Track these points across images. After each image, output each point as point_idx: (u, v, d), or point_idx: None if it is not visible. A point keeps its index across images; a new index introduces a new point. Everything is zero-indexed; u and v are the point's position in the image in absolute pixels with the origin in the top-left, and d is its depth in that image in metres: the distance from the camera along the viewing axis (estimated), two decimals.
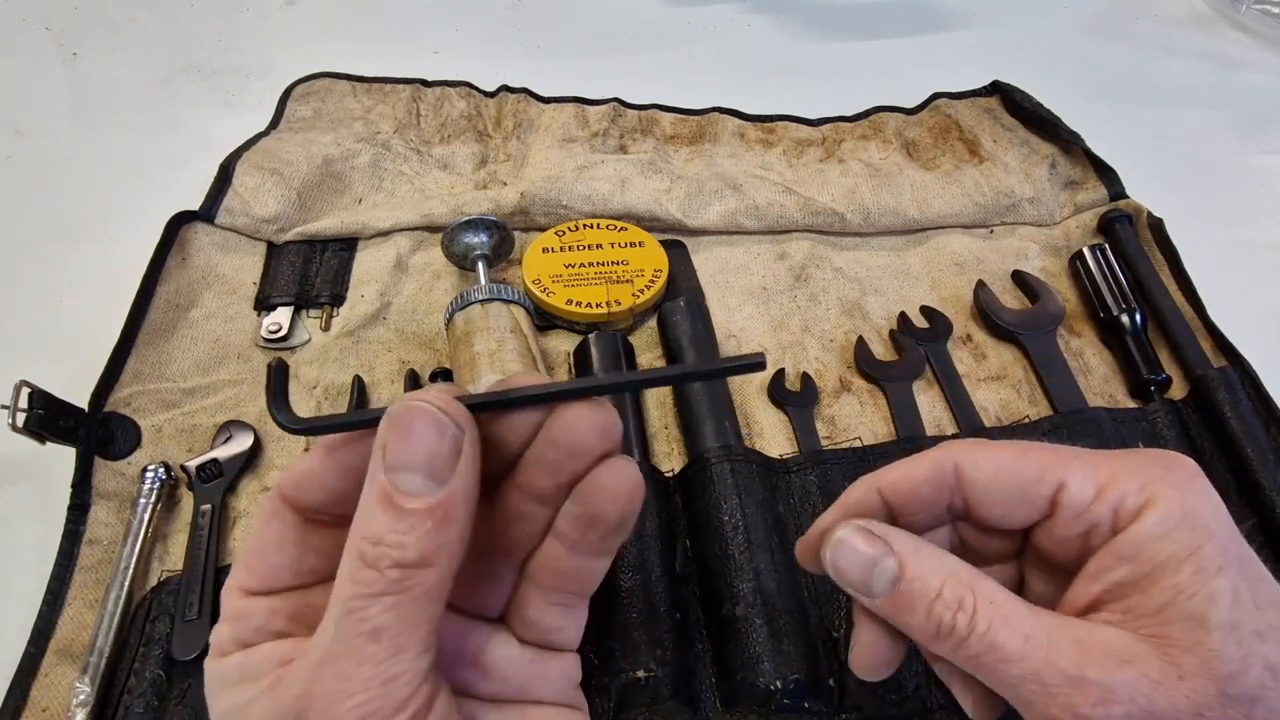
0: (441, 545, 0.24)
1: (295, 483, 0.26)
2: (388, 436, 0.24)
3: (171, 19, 0.87)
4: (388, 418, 0.24)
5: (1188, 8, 0.97)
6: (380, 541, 0.23)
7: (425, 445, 0.24)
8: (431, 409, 0.24)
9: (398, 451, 0.24)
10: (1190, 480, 0.27)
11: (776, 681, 0.40)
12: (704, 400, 0.52)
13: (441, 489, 0.24)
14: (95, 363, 0.52)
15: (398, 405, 0.24)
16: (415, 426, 0.24)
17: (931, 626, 0.27)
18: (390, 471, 0.24)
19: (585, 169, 0.66)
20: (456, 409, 0.25)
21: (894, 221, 0.67)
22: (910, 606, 0.27)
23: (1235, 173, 0.76)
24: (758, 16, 0.93)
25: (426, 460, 0.24)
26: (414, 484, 0.23)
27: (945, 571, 0.27)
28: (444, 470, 0.24)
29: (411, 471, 0.24)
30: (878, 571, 0.28)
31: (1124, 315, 0.59)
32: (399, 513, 0.23)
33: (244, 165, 0.64)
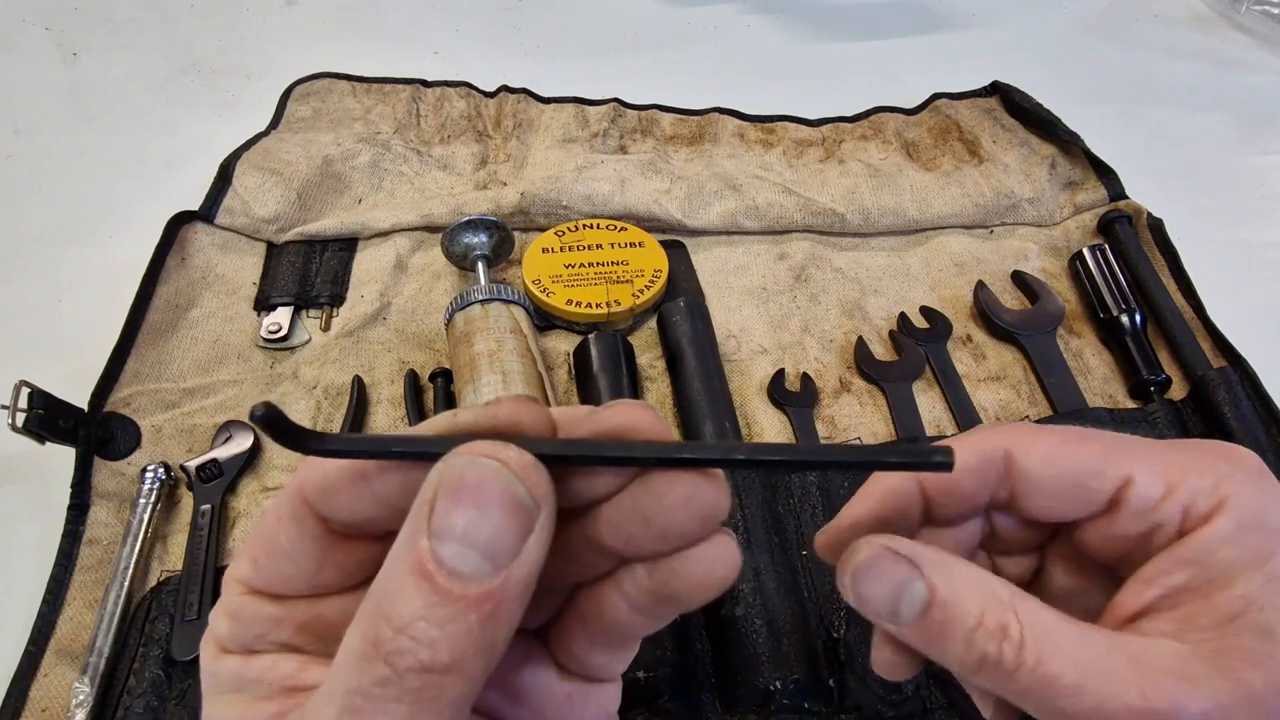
0: (481, 647, 0.18)
1: (320, 489, 0.22)
2: (439, 495, 0.19)
3: (171, 19, 0.87)
4: (444, 473, 0.19)
5: (1188, 8, 0.97)
6: (405, 629, 0.18)
7: (490, 520, 0.18)
8: (506, 475, 0.19)
9: (451, 519, 0.18)
10: (1260, 478, 0.25)
11: (776, 682, 0.40)
12: (704, 400, 0.52)
13: (498, 575, 0.18)
14: (95, 363, 0.52)
15: (460, 460, 0.19)
16: (481, 494, 0.19)
17: (973, 659, 0.23)
18: (436, 540, 0.18)
19: (585, 169, 0.66)
20: (536, 478, 0.19)
21: (894, 222, 0.67)
22: (945, 635, 0.23)
23: (1235, 173, 0.76)
24: (758, 17, 0.93)
25: (488, 538, 0.18)
26: (465, 562, 0.18)
27: (983, 594, 0.23)
28: (506, 552, 0.19)
29: (465, 547, 0.18)
30: (905, 598, 0.23)
31: (1124, 315, 0.59)
32: (438, 596, 0.18)
33: (244, 165, 0.64)
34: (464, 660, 0.18)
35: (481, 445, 0.19)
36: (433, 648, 0.18)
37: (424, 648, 0.18)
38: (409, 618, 0.18)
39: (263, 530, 0.23)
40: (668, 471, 0.20)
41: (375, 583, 0.19)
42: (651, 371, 0.57)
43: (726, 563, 0.21)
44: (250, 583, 0.23)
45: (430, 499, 0.19)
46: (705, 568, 0.21)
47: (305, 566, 0.22)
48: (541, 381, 0.51)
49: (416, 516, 0.19)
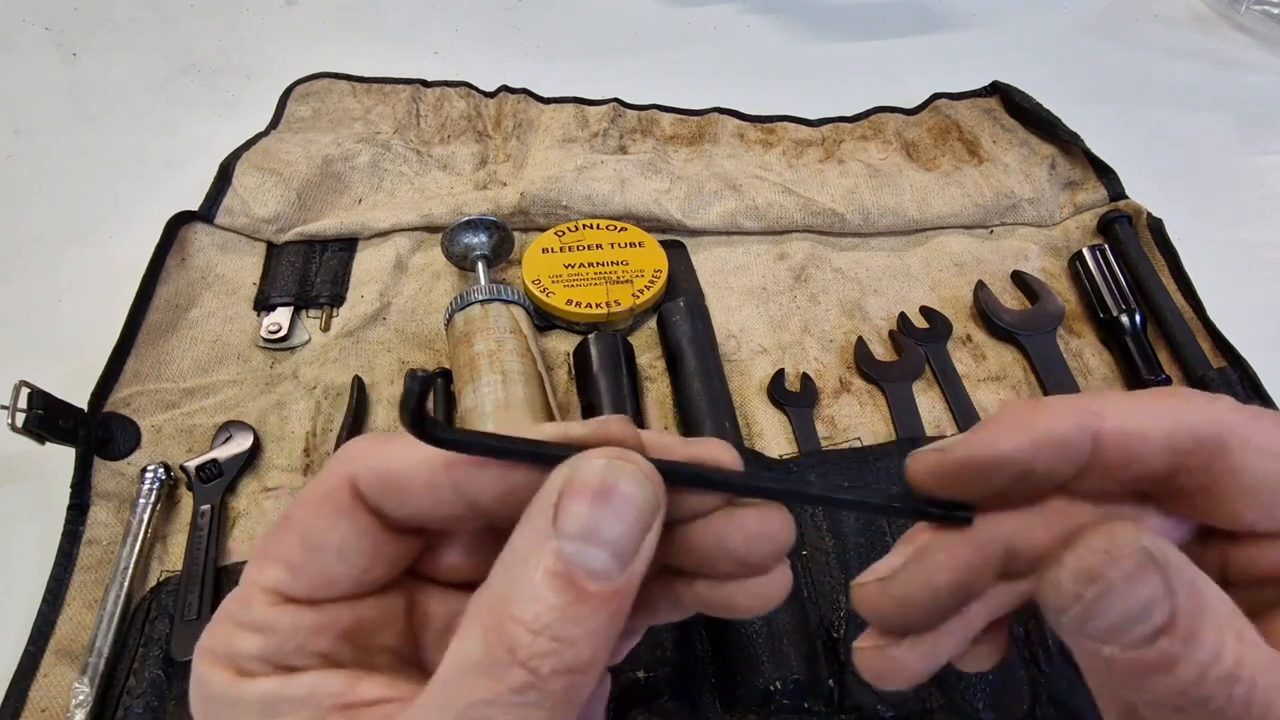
0: (609, 643, 0.19)
1: (380, 480, 0.21)
2: (569, 495, 0.19)
3: (171, 19, 0.87)
4: (575, 474, 0.19)
5: (1188, 8, 0.97)
6: (544, 630, 0.17)
7: (620, 520, 0.19)
8: (637, 476, 0.19)
9: (584, 519, 0.18)
10: None
11: (776, 682, 0.40)
12: (704, 400, 0.52)
13: (624, 572, 0.19)
14: (95, 363, 0.52)
15: (597, 461, 0.19)
16: (619, 493, 0.19)
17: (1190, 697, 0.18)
18: (566, 539, 0.18)
19: (585, 169, 0.66)
20: (658, 480, 0.20)
21: (894, 222, 0.67)
22: (1166, 670, 0.18)
23: (1235, 173, 0.76)
24: (758, 17, 0.93)
25: (617, 537, 0.19)
26: (598, 562, 0.18)
27: (1223, 623, 0.18)
28: (631, 549, 0.19)
29: (600, 547, 0.18)
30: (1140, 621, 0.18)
31: (1123, 316, 0.59)
32: (574, 594, 0.18)
33: (244, 165, 0.64)
34: (598, 657, 0.18)
35: (611, 449, 0.20)
36: (575, 647, 0.18)
37: (567, 648, 0.17)
38: (548, 619, 0.17)
39: (296, 529, 0.21)
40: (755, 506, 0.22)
41: (489, 590, 0.19)
42: (651, 371, 0.57)
43: (784, 589, 0.22)
44: (286, 590, 0.21)
45: (555, 500, 0.19)
46: (768, 592, 0.22)
47: (355, 564, 0.21)
48: (541, 382, 0.51)
49: (541, 517, 0.19)
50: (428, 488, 0.21)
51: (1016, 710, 0.42)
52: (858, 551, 0.46)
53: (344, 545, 0.21)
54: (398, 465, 0.21)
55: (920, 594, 0.22)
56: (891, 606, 0.22)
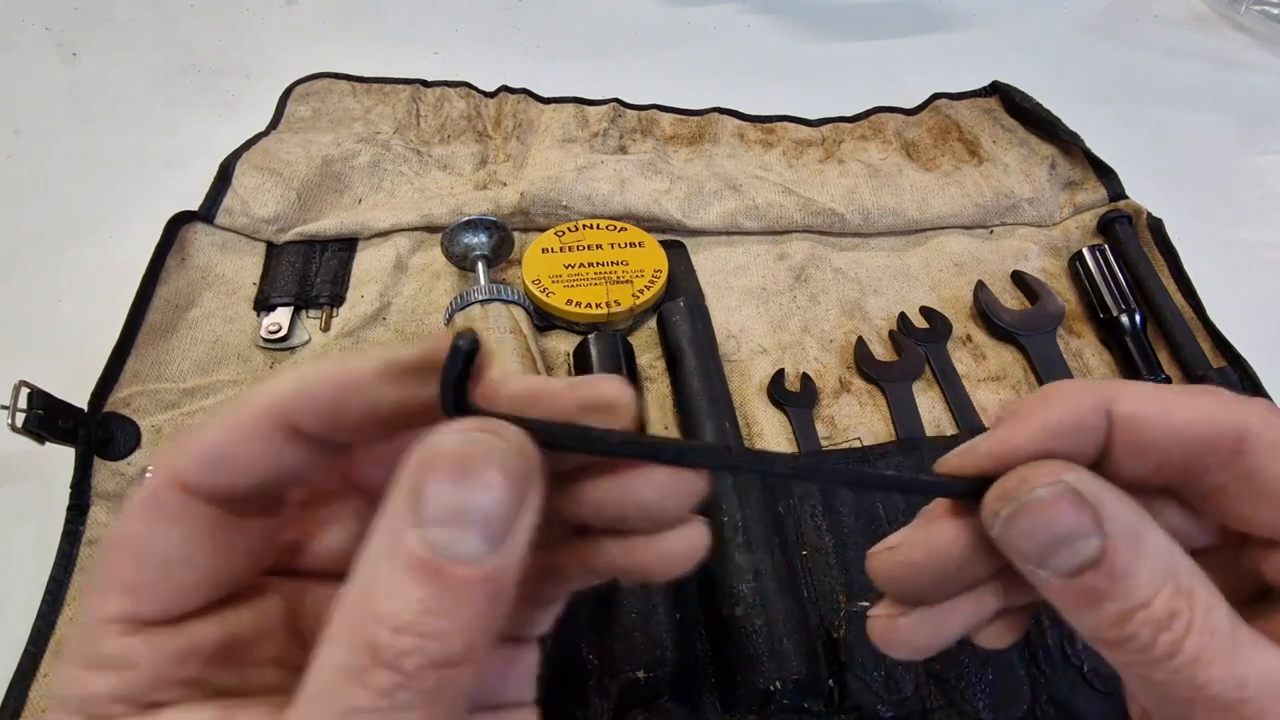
0: (489, 629, 0.17)
1: (207, 464, 0.19)
2: (428, 477, 0.17)
3: (171, 19, 0.87)
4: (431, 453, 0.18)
5: (1188, 8, 0.97)
6: (408, 628, 0.16)
7: (487, 498, 0.17)
8: (502, 449, 0.18)
9: (451, 500, 0.17)
10: None
11: (776, 682, 0.40)
12: (704, 400, 0.52)
13: (497, 551, 0.17)
14: (95, 363, 0.52)
15: (451, 438, 0.18)
16: (476, 472, 0.17)
17: (1116, 635, 0.19)
18: (429, 526, 0.17)
19: (585, 169, 0.66)
20: (530, 450, 0.18)
21: (894, 222, 0.67)
22: (1095, 604, 0.19)
23: (1235, 173, 0.76)
24: (757, 17, 0.93)
25: (485, 516, 0.17)
26: (465, 545, 0.17)
27: (1162, 571, 0.19)
28: (504, 528, 0.17)
29: (468, 530, 0.17)
30: (1066, 551, 0.20)
31: (1123, 316, 0.59)
32: (440, 584, 0.17)
33: (243, 165, 0.64)
34: (474, 646, 0.17)
35: (468, 423, 0.18)
36: (443, 639, 0.16)
37: (434, 642, 0.16)
38: (411, 614, 0.16)
39: (127, 549, 0.19)
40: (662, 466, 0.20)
41: (350, 589, 0.17)
42: (651, 372, 0.57)
43: (696, 547, 0.21)
44: (133, 616, 0.19)
45: (414, 484, 0.17)
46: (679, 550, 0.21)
47: (205, 564, 0.19)
48: None
49: (400, 504, 0.17)
50: (250, 443, 0.19)
51: (1016, 710, 0.42)
52: (858, 551, 0.46)
53: (186, 548, 0.19)
54: (213, 437, 0.19)
55: (924, 561, 0.22)
56: (898, 573, 0.23)
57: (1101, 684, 0.43)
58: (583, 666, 0.42)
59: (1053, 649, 0.44)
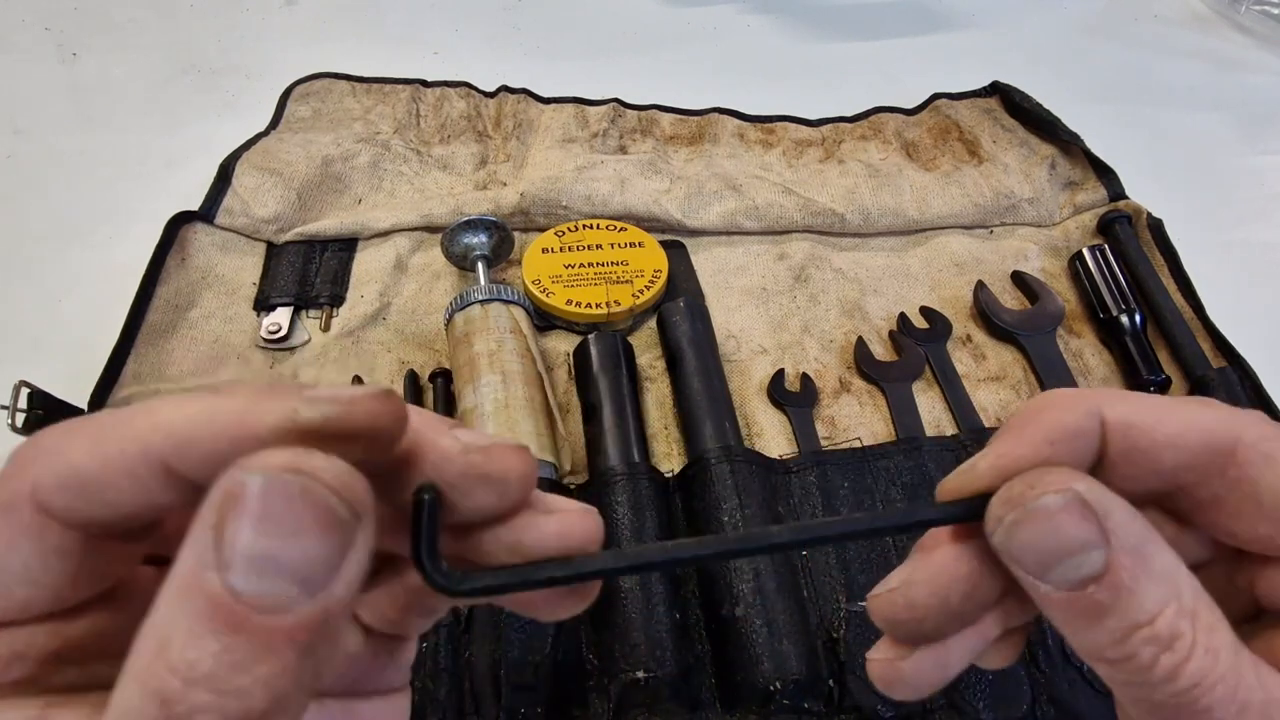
0: (302, 681, 0.15)
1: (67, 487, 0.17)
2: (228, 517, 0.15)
3: (171, 19, 0.87)
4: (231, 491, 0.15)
5: (1187, 9, 0.97)
6: (202, 681, 0.14)
7: (301, 544, 0.15)
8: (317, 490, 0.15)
9: (248, 544, 0.15)
10: None
11: (776, 682, 0.40)
12: (704, 401, 0.52)
13: (314, 599, 0.15)
14: (95, 363, 0.52)
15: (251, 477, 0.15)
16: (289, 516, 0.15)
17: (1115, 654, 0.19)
18: (229, 570, 0.15)
19: (585, 169, 0.66)
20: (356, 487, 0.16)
21: (893, 222, 0.67)
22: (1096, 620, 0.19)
23: (1235, 173, 0.76)
24: (757, 17, 0.93)
25: (298, 561, 0.15)
26: (274, 593, 0.15)
27: (1167, 590, 0.19)
28: (322, 571, 0.15)
29: (273, 576, 0.15)
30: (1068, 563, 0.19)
31: (1123, 316, 0.59)
32: (239, 634, 0.14)
33: (243, 165, 0.64)
34: (283, 699, 0.15)
35: (279, 455, 0.16)
36: (243, 697, 0.14)
37: (232, 699, 0.14)
38: (206, 668, 0.14)
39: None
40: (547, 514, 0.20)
41: (147, 624, 0.15)
42: (651, 372, 0.57)
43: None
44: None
45: (215, 522, 0.15)
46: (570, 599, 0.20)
47: (49, 585, 0.17)
48: (541, 382, 0.51)
49: (200, 543, 0.15)
50: (128, 480, 0.17)
51: (1016, 710, 0.42)
52: (858, 552, 0.46)
53: (26, 567, 0.17)
54: (84, 463, 0.17)
55: (929, 599, 0.21)
56: (904, 614, 0.22)
57: (1101, 684, 0.43)
58: (583, 666, 0.42)
59: (1053, 649, 0.44)
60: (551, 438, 0.49)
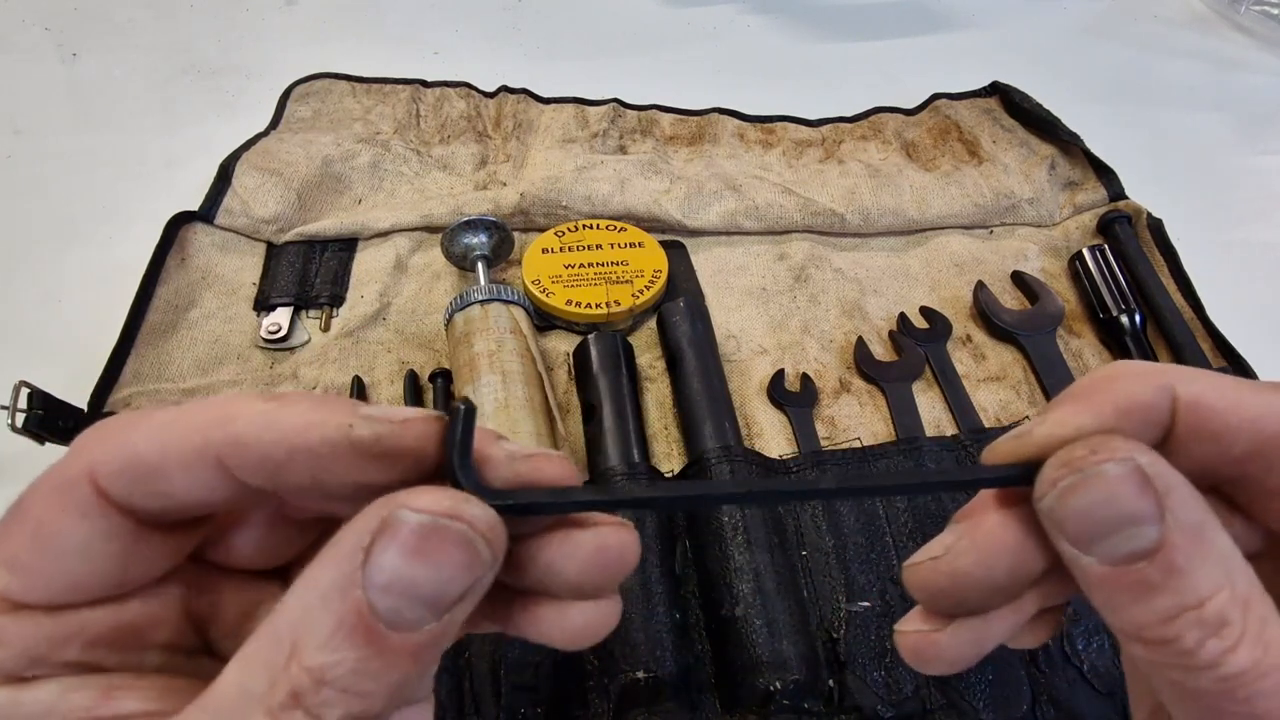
0: (412, 684, 0.17)
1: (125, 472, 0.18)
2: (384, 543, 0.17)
3: (171, 19, 0.87)
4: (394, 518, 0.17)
5: (1187, 9, 0.97)
6: (331, 681, 0.16)
7: (444, 577, 0.17)
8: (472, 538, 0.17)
9: (401, 573, 0.17)
10: None
11: (776, 682, 0.40)
12: (704, 401, 0.52)
13: (440, 620, 0.17)
14: (95, 363, 0.52)
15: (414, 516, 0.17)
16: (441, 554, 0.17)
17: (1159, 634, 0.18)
18: (374, 590, 0.16)
19: (585, 169, 0.66)
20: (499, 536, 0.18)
21: (893, 222, 0.67)
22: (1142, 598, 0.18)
23: (1235, 173, 0.76)
24: (757, 17, 0.93)
25: (436, 592, 0.17)
26: (410, 616, 0.17)
27: (1221, 574, 0.18)
28: (450, 601, 0.17)
29: (413, 601, 0.17)
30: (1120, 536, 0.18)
31: (1123, 316, 0.59)
32: (374, 648, 0.16)
33: (243, 165, 0.64)
34: (396, 701, 0.17)
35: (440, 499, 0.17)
36: (366, 699, 0.16)
37: (356, 699, 0.16)
38: (340, 670, 0.16)
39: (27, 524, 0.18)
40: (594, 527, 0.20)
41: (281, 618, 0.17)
42: (651, 372, 0.57)
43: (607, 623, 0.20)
44: (14, 595, 0.18)
45: (367, 545, 0.17)
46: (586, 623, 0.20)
47: (103, 567, 0.18)
48: (541, 382, 0.51)
49: (347, 559, 0.17)
50: (184, 472, 0.18)
51: (1016, 710, 0.42)
52: (858, 551, 0.46)
53: (87, 549, 0.18)
54: (145, 450, 0.18)
55: (974, 568, 0.20)
56: (946, 584, 0.20)
57: (1101, 684, 0.43)
58: (583, 666, 0.42)
59: (1053, 649, 0.44)
60: (551, 438, 0.49)
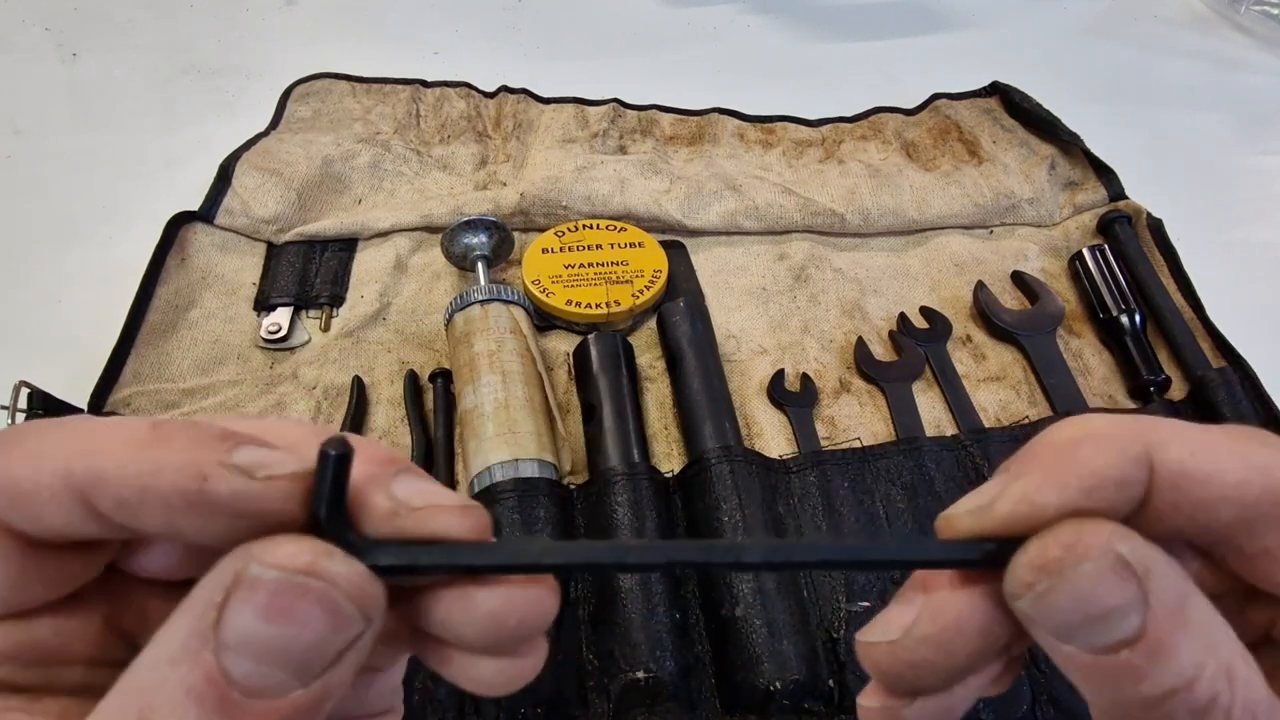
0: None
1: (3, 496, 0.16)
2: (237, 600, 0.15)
3: (171, 19, 0.87)
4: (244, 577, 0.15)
5: (1187, 9, 0.97)
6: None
7: (305, 640, 0.15)
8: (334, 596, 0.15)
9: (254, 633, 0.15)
10: None
11: (776, 682, 0.40)
12: (704, 401, 0.52)
13: (309, 687, 0.15)
14: (95, 363, 0.52)
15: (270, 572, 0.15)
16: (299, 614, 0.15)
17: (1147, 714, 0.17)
18: (228, 654, 0.15)
19: (585, 169, 0.66)
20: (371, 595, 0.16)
21: (893, 222, 0.67)
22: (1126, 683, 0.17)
23: (1235, 173, 0.76)
24: (757, 17, 0.93)
25: (300, 657, 0.15)
26: (270, 681, 0.15)
27: (1205, 649, 0.17)
28: (321, 665, 0.15)
29: (273, 665, 0.15)
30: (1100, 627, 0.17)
31: (1123, 316, 0.59)
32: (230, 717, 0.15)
33: (244, 165, 0.64)
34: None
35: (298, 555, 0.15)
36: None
37: None
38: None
39: None
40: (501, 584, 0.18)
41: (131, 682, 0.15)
42: (651, 372, 0.57)
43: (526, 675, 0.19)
44: None
45: (219, 603, 0.15)
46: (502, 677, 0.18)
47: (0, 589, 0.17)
48: (541, 382, 0.51)
49: (198, 617, 0.15)
50: (52, 502, 0.16)
51: (1016, 710, 0.42)
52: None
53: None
54: (20, 475, 0.16)
55: (937, 658, 0.19)
56: (905, 670, 0.19)
57: None
58: (583, 666, 0.42)
59: None
60: (551, 438, 0.49)
